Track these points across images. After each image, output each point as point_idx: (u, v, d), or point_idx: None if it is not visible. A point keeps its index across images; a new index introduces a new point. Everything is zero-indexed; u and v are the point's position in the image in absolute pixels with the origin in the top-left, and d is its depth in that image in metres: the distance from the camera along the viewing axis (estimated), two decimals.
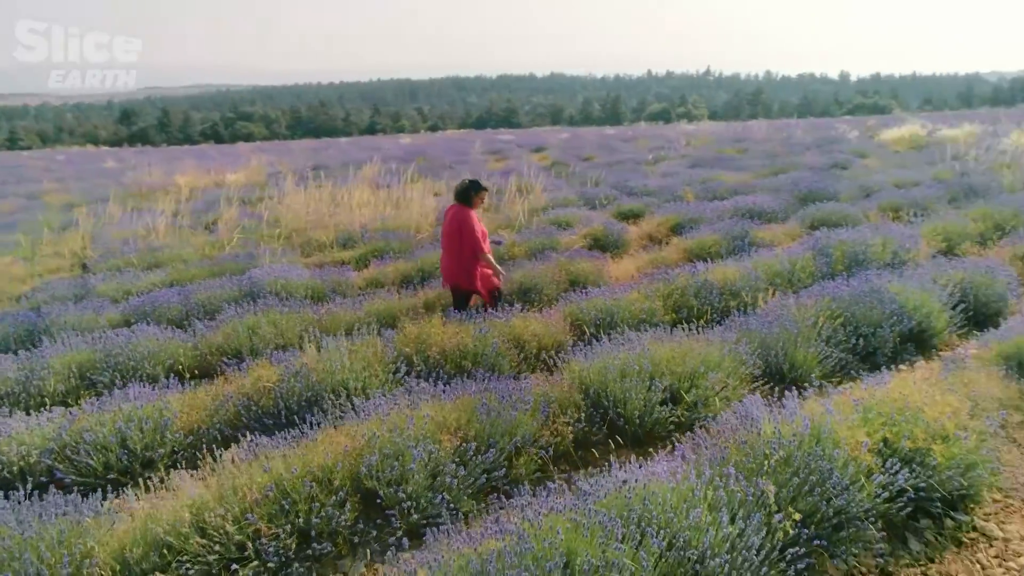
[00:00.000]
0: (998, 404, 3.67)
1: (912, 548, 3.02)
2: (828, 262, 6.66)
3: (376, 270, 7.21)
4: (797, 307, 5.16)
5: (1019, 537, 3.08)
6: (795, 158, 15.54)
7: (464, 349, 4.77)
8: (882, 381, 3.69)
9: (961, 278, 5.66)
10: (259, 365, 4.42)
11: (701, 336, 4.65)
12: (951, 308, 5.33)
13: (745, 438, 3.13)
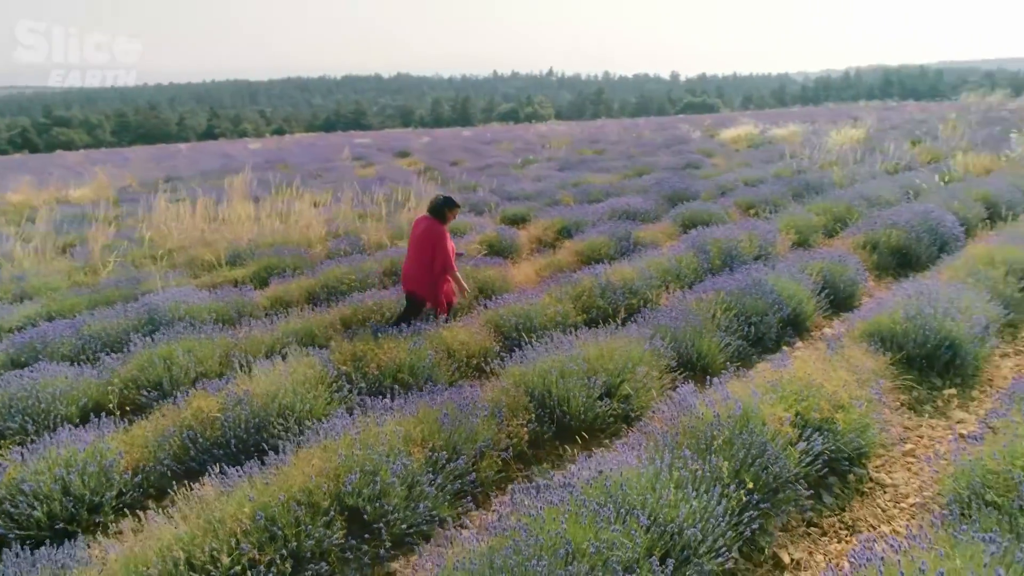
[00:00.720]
0: (873, 374, 4.43)
1: (826, 501, 3.63)
2: (708, 258, 7.45)
3: (280, 288, 7.07)
4: (695, 301, 5.80)
5: (904, 482, 3.80)
6: (650, 159, 16.85)
7: (401, 363, 4.92)
8: (784, 363, 4.32)
9: (821, 267, 6.62)
10: (197, 395, 4.32)
11: (620, 334, 5.13)
12: (817, 294, 6.24)
13: (692, 423, 3.60)
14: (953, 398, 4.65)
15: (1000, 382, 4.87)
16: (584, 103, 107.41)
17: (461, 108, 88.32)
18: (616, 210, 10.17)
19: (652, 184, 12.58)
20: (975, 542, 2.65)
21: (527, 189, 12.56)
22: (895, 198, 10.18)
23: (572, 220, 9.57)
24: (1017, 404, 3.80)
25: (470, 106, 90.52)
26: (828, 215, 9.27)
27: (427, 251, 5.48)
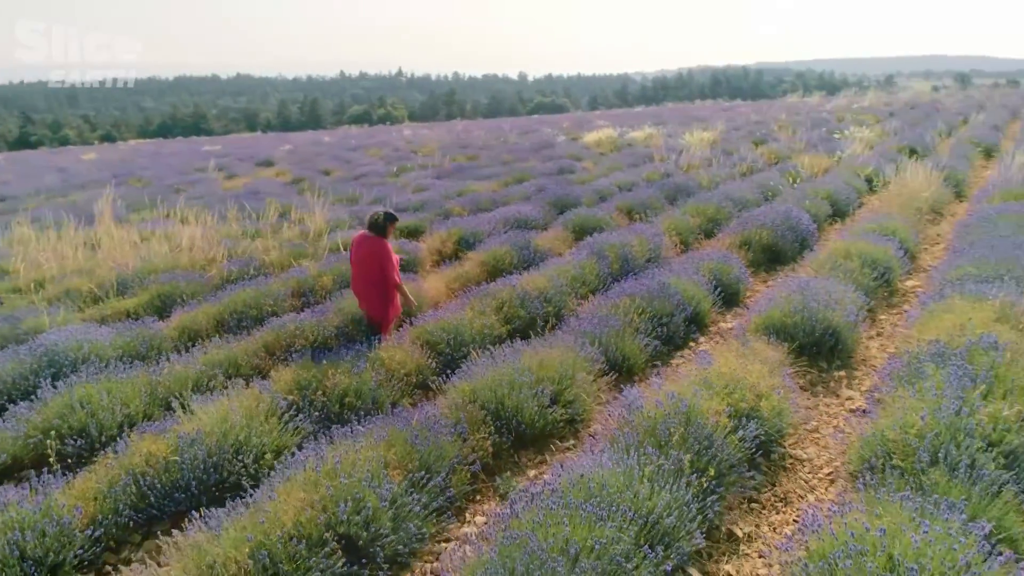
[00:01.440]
0: (779, 364, 5.12)
1: (757, 478, 4.21)
2: (607, 264, 8.04)
3: (185, 318, 6.77)
4: (611, 307, 6.31)
5: (816, 456, 4.47)
6: (524, 164, 17.49)
7: (346, 387, 4.99)
8: (708, 361, 4.89)
9: (711, 267, 7.39)
10: (145, 438, 4.18)
11: (555, 343, 5.51)
12: (712, 293, 6.98)
13: (648, 423, 4.03)
14: (842, 379, 5.47)
15: (873, 361, 5.78)
16: (437, 104, 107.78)
17: (310, 110, 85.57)
18: (508, 219, 10.57)
19: (534, 191, 13.13)
20: (896, 501, 3.27)
21: (413, 200, 12.67)
22: (755, 199, 11.41)
23: (469, 231, 9.84)
24: (897, 382, 4.60)
25: (319, 108, 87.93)
26: (702, 217, 10.24)
27: (375, 269, 5.63)
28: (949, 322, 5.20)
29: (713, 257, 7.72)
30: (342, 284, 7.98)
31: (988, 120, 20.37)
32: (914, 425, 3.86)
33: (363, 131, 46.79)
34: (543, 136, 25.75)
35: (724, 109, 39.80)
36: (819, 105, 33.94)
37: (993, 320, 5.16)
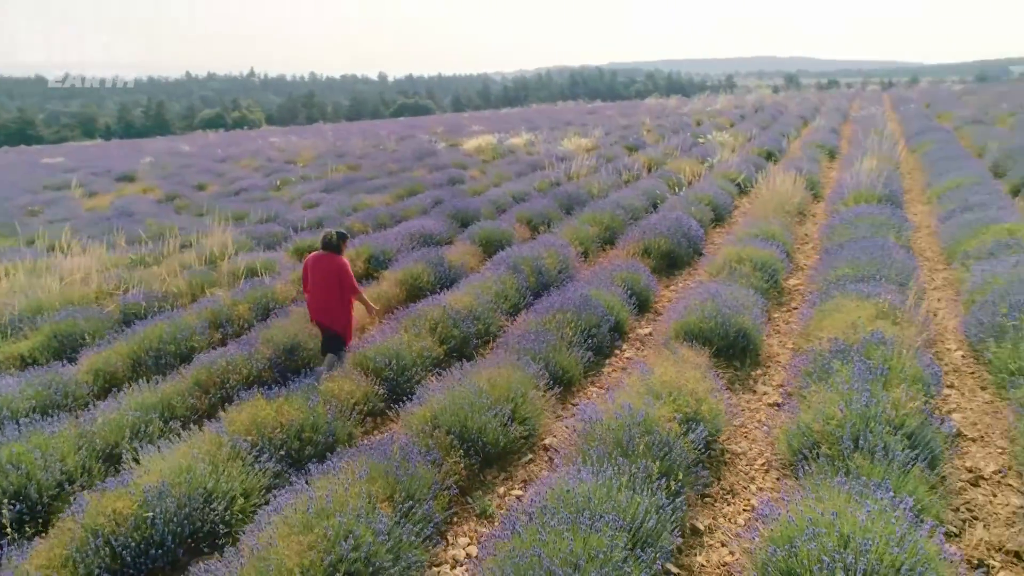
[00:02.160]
0: (705, 367, 5.71)
1: (703, 474, 4.72)
2: (524, 278, 8.42)
3: (97, 359, 6.38)
4: (541, 322, 6.69)
5: (748, 449, 5.07)
6: (411, 174, 17.55)
7: (303, 423, 5.02)
8: (650, 371, 5.38)
9: (624, 277, 7.96)
10: (105, 495, 4.03)
11: (500, 361, 5.79)
12: (627, 301, 7.54)
13: (611, 434, 4.42)
14: (756, 376, 6.16)
15: (777, 358, 6.53)
16: (296, 106, 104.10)
17: (156, 114, 79.75)
18: (413, 234, 10.68)
19: (431, 204, 13.30)
20: (835, 486, 3.86)
21: (308, 217, 12.44)
22: (643, 205, 12.24)
23: (377, 248, 9.86)
24: (808, 378, 5.30)
25: (166, 112, 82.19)
26: (600, 226, 10.87)
27: (334, 284, 5.92)
28: (841, 321, 6.02)
29: (622, 267, 8.30)
30: (259, 312, 7.83)
31: (826, 124, 22.81)
32: (834, 417, 4.51)
33: (223, 137, 44.37)
34: (422, 143, 25.79)
35: (589, 112, 41.52)
36: (677, 108, 36.35)
37: (875, 317, 6.03)
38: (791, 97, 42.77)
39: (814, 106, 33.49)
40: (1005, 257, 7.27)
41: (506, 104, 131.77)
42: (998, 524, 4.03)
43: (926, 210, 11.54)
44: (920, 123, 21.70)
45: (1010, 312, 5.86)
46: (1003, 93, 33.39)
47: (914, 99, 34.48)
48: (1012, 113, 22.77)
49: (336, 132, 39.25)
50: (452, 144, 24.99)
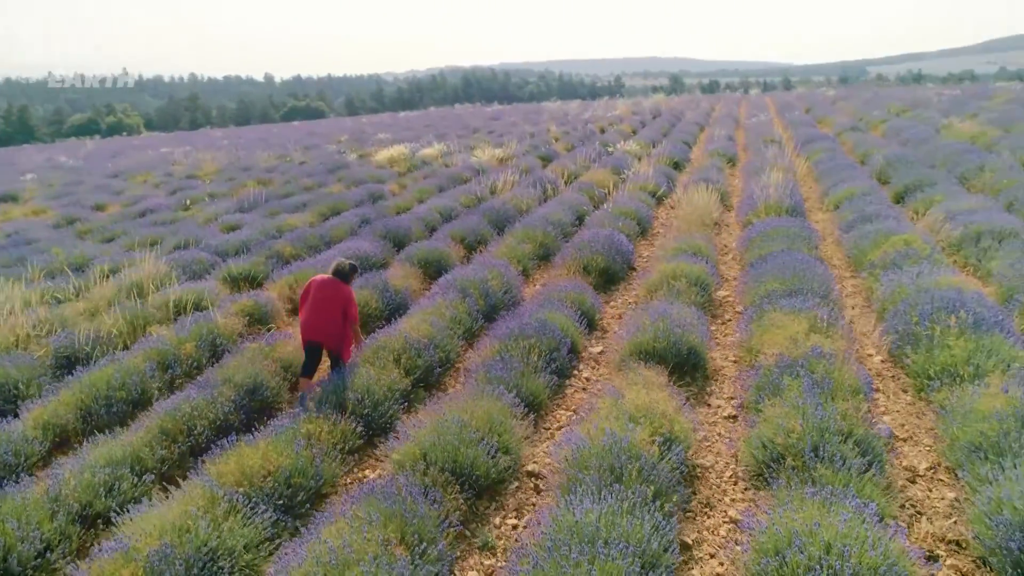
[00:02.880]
0: (664, 385, 6.16)
1: (685, 491, 5.16)
2: (474, 301, 8.65)
3: (42, 412, 6.08)
4: (503, 347, 6.96)
5: (715, 463, 5.56)
6: (328, 190, 17.30)
7: (292, 467, 5.07)
8: (620, 394, 5.77)
9: (572, 297, 8.35)
10: (107, 563, 3.97)
11: (474, 391, 6.01)
12: (578, 322, 7.93)
13: (602, 462, 4.76)
14: (709, 391, 6.69)
15: (723, 371, 7.11)
16: (178, 110, 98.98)
17: (19, 120, 73.62)
18: (349, 256, 10.61)
19: (358, 223, 13.24)
20: (809, 497, 4.37)
21: (231, 240, 12.09)
22: (571, 220, 12.73)
23: (315, 274, 9.78)
24: (762, 392, 5.85)
25: (31, 117, 76.03)
26: (534, 243, 11.24)
27: (337, 309, 6.47)
28: (780, 336, 6.64)
29: (567, 287, 8.69)
30: (206, 350, 7.65)
31: (722, 132, 24.29)
32: (794, 430, 5.06)
33: (103, 146, 41.62)
34: (330, 154, 25.34)
35: (492, 118, 41.99)
36: (579, 114, 37.42)
37: (809, 331, 6.70)
38: (683, 102, 45.03)
39: (706, 112, 35.46)
40: (907, 267, 8.19)
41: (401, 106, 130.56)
42: (938, 517, 4.68)
43: (827, 218, 12.66)
44: (806, 130, 23.52)
45: (921, 321, 6.67)
46: (868, 100, 36.59)
47: (794, 104, 37.18)
48: (883, 120, 25.13)
49: (231, 140, 37.76)
50: (362, 155, 24.72)
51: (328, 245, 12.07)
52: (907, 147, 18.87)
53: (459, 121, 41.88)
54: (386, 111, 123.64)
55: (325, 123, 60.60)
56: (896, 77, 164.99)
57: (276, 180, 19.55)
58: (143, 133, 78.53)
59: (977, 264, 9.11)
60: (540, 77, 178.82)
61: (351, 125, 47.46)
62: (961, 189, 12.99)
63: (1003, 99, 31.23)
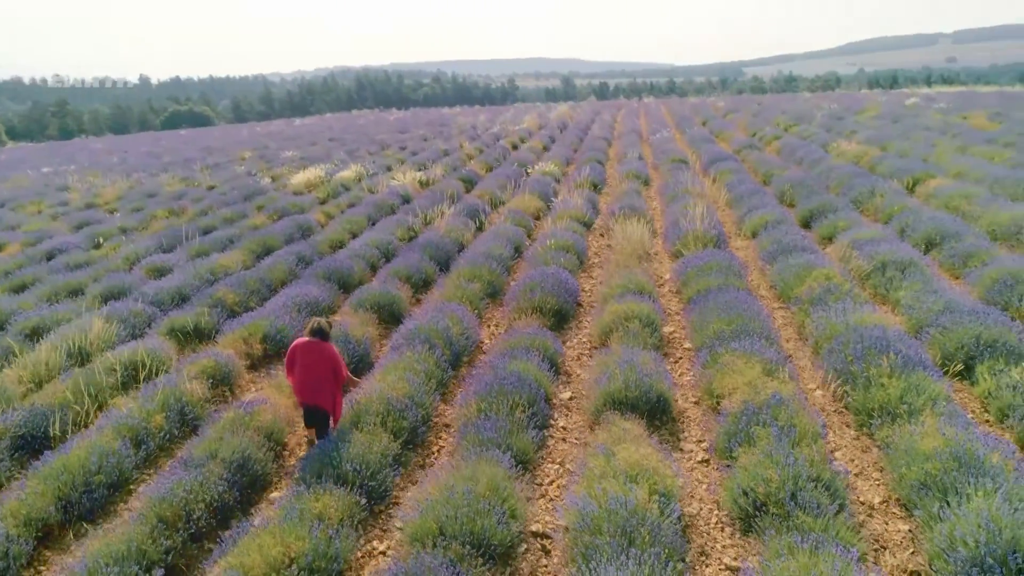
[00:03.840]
0: (643, 436, 6.70)
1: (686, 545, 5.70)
2: (440, 351, 8.91)
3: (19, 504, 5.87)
4: (483, 403, 7.30)
5: (699, 509, 6.15)
6: (251, 222, 16.84)
7: (313, 551, 5.22)
8: (610, 452, 6.26)
9: (536, 344, 8.78)
10: None
11: (468, 456, 6.33)
12: (547, 370, 8.38)
13: (615, 527, 5.23)
14: (679, 435, 7.31)
15: (686, 413, 7.75)
16: (44, 116, 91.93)
17: None
18: (299, 303, 10.60)
19: (295, 262, 13.08)
20: (800, 545, 5.01)
21: (165, 288, 11.64)
22: (510, 254, 13.17)
23: (271, 327, 9.72)
24: (733, 439, 6.50)
25: None
26: (482, 281, 11.57)
27: (327, 370, 6.76)
28: (739, 380, 7.34)
29: (527, 332, 9.11)
30: (176, 421, 7.55)
31: (631, 151, 25.46)
32: (772, 480, 5.72)
33: None
34: (239, 176, 24.51)
35: (399, 131, 41.78)
36: (488, 128, 37.87)
37: (763, 374, 7.45)
38: (586, 113, 46.46)
39: (609, 125, 36.89)
40: (832, 303, 9.16)
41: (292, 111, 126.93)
42: (898, 549, 5.46)
43: (747, 245, 13.75)
44: (708, 147, 25.07)
45: (855, 360, 7.57)
46: (757, 113, 39.26)
47: (690, 116, 39.30)
48: (776, 136, 27.21)
49: (118, 155, 35.67)
50: (274, 177, 24.15)
51: (271, 289, 11.94)
52: (802, 167, 20.63)
53: (364, 133, 41.43)
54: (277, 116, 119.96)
55: (217, 133, 58.16)
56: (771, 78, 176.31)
57: (189, 209, 18.85)
58: (7, 143, 72.51)
59: (885, 294, 10.28)
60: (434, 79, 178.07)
61: (248, 137, 45.95)
62: (858, 215, 14.44)
63: (872, 113, 34.41)
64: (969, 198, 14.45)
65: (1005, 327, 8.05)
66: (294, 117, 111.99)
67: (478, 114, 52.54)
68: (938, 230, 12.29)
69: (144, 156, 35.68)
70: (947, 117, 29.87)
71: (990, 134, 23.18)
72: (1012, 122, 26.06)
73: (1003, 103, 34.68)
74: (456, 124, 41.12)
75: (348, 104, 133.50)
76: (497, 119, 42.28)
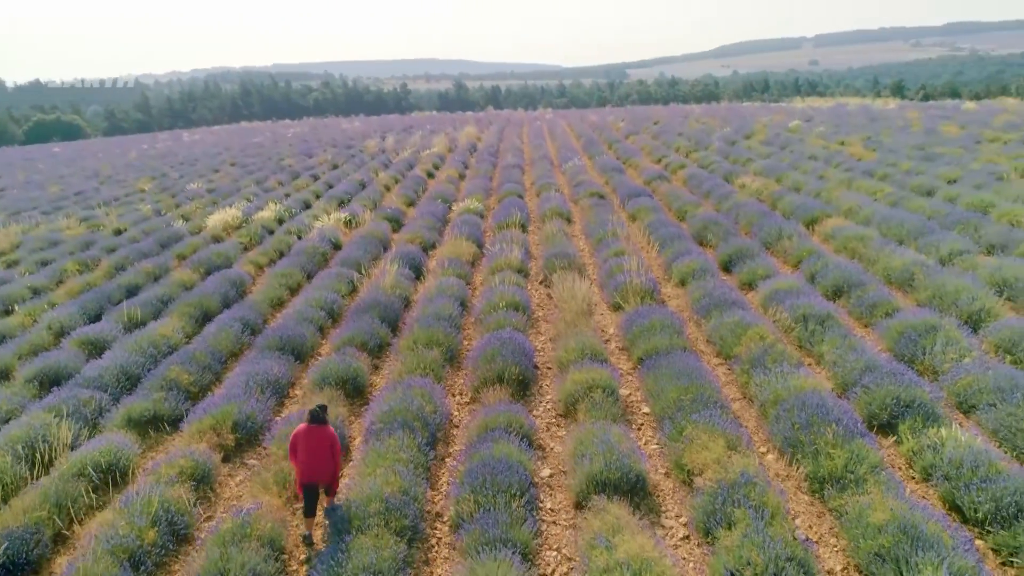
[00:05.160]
0: (632, 522, 7.36)
1: None
2: (419, 433, 9.25)
3: None
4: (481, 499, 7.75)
5: None
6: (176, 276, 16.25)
7: None
8: (609, 543, 6.88)
9: (508, 420, 9.30)
10: None
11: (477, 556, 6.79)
12: (525, 450, 8.91)
13: None
14: (658, 512, 8.03)
15: (658, 487, 8.50)
16: None
17: None
18: (260, 382, 10.58)
19: (240, 329, 12.92)
20: None
21: (108, 367, 11.07)
22: (458, 313, 13.58)
23: (240, 413, 9.65)
24: (711, 517, 7.29)
25: None
26: (440, 347, 11.88)
27: (328, 450, 7.49)
28: (706, 456, 8.17)
29: (501, 410, 9.57)
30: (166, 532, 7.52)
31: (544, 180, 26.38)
32: (756, 562, 6.54)
33: None
34: (147, 217, 23.44)
35: (305, 154, 40.72)
36: (399, 152, 37.66)
37: (727, 448, 8.32)
38: (491, 132, 47.16)
39: (519, 149, 37.78)
40: (770, 366, 10.22)
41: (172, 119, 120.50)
42: None
43: (676, 293, 14.82)
44: (620, 178, 26.35)
45: (802, 429, 8.59)
46: (657, 134, 41.39)
47: (594, 138, 40.81)
48: (681, 165, 28.99)
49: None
50: (185, 216, 23.28)
51: (222, 363, 11.83)
52: (712, 201, 22.23)
53: (266, 156, 40.24)
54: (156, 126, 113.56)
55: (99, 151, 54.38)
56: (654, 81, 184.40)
57: (104, 262, 17.98)
58: None
59: (810, 347, 11.53)
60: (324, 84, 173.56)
61: (139, 159, 43.55)
62: (771, 259, 15.91)
63: (760, 138, 37.03)
64: (863, 240, 16.20)
65: (918, 387, 9.33)
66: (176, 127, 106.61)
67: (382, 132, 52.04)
68: (844, 278, 13.78)
69: (24, 186, 33.23)
70: (827, 143, 32.73)
71: (868, 165, 25.74)
72: (884, 150, 29.02)
73: (872, 127, 38.26)
74: (365, 147, 40.75)
75: (233, 112, 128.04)
76: (407, 141, 42.21)
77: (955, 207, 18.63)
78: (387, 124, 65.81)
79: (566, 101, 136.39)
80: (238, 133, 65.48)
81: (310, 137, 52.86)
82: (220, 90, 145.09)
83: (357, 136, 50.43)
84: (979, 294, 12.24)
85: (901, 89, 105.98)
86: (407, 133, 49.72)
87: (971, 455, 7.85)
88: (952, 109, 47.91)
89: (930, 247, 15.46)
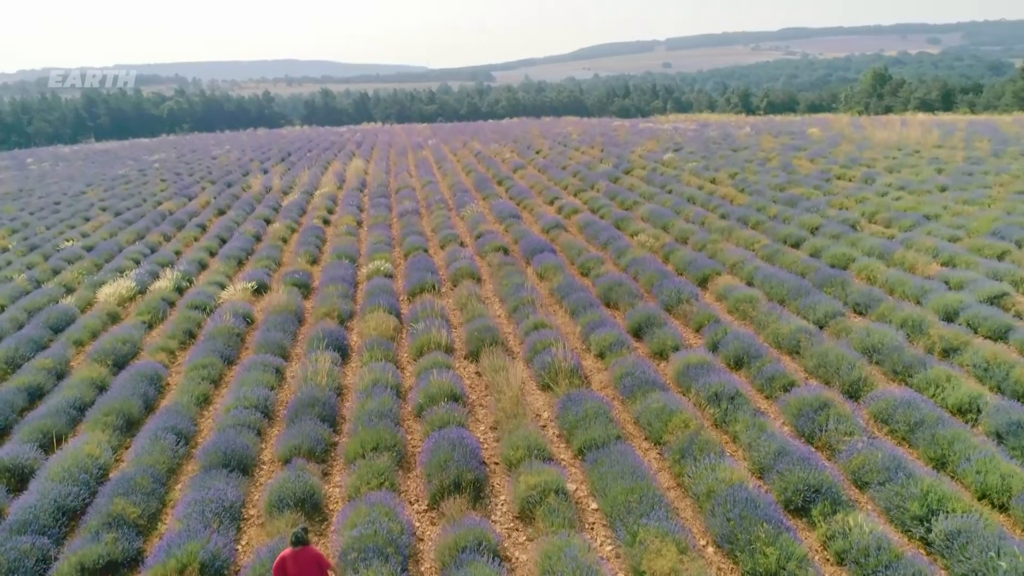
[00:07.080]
0: None
1: None
2: (392, 560, 9.74)
3: None
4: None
5: None
6: (87, 375, 15.55)
7: None
8: None
9: (475, 534, 9.99)
10: None
11: None
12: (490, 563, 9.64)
13: None
14: None
15: None
16: None
17: None
18: (215, 510, 10.52)
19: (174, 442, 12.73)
20: None
21: (39, 507, 10.73)
22: (397, 405, 14.03)
23: (206, 553, 9.59)
24: None
25: None
26: (389, 452, 12.33)
27: (315, 570, 7.92)
28: (663, 565, 9.27)
29: (464, 524, 10.23)
30: None
31: (447, 231, 27.04)
32: None
33: None
34: (22, 288, 21.84)
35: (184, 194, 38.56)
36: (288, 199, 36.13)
37: (679, 552, 9.46)
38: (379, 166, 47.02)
39: (410, 186, 38.12)
40: (699, 456, 11.53)
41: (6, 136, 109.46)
42: None
43: (597, 367, 15.99)
44: (520, 228, 27.46)
45: (737, 525, 9.90)
46: (544, 166, 43.02)
47: (484, 174, 41.82)
48: (575, 210, 30.60)
49: None
50: (68, 286, 21.85)
51: (164, 485, 11.60)
52: (610, 254, 23.85)
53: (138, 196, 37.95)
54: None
55: None
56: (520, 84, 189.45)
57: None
58: None
59: (724, 425, 13.03)
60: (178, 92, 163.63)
61: None
62: (674, 322, 17.56)
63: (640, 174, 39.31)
64: (752, 302, 18.22)
65: (823, 471, 10.93)
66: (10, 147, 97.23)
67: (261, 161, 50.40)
68: (743, 348, 15.52)
69: None
70: (702, 182, 35.50)
71: (742, 211, 28.37)
72: (752, 192, 32.07)
73: (736, 159, 41.95)
74: (248, 185, 39.47)
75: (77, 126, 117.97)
76: (295, 179, 41.22)
77: (821, 262, 21.22)
78: (262, 148, 63.57)
79: (436, 108, 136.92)
80: (94, 160, 60.76)
81: (180, 168, 50.22)
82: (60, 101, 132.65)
83: (234, 167, 48.59)
84: (856, 363, 14.31)
85: (748, 97, 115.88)
86: (288, 165, 48.60)
87: (875, 540, 9.44)
88: (800, 136, 52.96)
89: (807, 309, 17.66)
